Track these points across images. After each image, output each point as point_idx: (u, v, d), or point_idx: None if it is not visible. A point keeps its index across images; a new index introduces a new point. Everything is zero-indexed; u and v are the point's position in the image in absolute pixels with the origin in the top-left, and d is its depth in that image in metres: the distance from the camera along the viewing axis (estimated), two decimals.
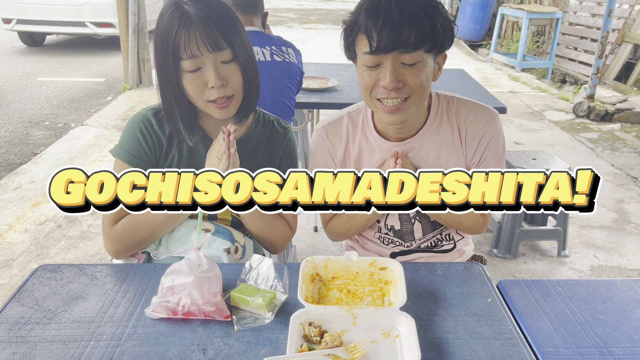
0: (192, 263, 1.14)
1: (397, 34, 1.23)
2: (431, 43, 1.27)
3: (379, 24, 1.23)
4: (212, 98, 1.29)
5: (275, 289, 1.19)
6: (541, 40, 8.58)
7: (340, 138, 1.51)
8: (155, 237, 1.38)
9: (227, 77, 1.29)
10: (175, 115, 1.35)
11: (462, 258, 1.69)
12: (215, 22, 1.26)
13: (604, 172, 4.36)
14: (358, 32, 1.30)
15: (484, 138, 1.45)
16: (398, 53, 1.25)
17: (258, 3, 2.45)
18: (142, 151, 1.38)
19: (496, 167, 1.49)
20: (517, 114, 5.91)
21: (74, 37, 9.31)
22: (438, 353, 1.04)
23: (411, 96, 1.30)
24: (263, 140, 1.48)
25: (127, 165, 1.37)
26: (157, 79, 1.33)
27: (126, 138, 1.40)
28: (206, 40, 1.25)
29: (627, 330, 1.13)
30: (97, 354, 1.02)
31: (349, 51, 1.37)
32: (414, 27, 1.23)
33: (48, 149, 4.55)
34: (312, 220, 3.42)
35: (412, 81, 1.28)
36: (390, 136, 1.47)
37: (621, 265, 3.02)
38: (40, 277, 1.27)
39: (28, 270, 2.80)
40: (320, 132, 1.52)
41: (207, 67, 1.27)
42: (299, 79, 2.53)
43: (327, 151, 1.52)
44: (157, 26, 1.30)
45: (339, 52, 1.51)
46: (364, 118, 1.51)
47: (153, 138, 1.39)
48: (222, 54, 1.27)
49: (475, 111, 1.46)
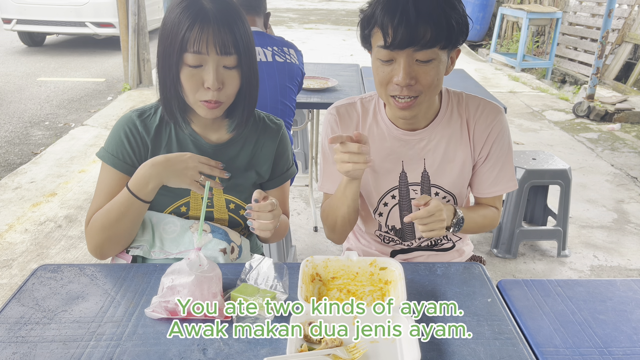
0: (193, 263, 1.14)
1: (412, 31, 1.23)
2: (446, 40, 1.27)
3: (395, 21, 1.23)
4: (204, 98, 1.28)
5: (275, 289, 1.19)
6: (541, 40, 8.58)
7: (350, 120, 1.51)
8: (124, 224, 1.33)
9: (224, 82, 1.29)
10: (173, 103, 1.33)
11: (462, 258, 1.70)
12: (231, 26, 1.25)
13: (604, 172, 4.36)
14: (374, 25, 1.30)
15: (492, 133, 1.47)
16: (412, 50, 1.25)
17: (261, 3, 2.45)
18: (126, 154, 1.38)
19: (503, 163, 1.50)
20: (517, 114, 5.91)
21: (74, 37, 9.31)
22: (438, 353, 1.04)
23: (421, 95, 1.31)
24: (253, 138, 1.47)
25: (112, 168, 1.37)
26: (158, 65, 1.31)
27: (111, 141, 1.39)
28: (217, 42, 1.24)
29: (627, 330, 1.13)
30: (97, 354, 1.02)
31: (365, 42, 1.38)
32: (429, 25, 1.23)
33: (48, 149, 4.55)
34: (312, 220, 3.43)
35: (424, 79, 1.29)
36: (401, 125, 1.48)
37: (621, 265, 3.03)
38: (40, 277, 1.27)
39: (28, 270, 2.80)
40: (332, 110, 1.52)
41: (208, 67, 1.26)
42: (300, 79, 2.54)
43: (337, 126, 1.51)
44: (169, 12, 1.27)
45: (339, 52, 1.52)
46: (375, 105, 1.51)
47: (137, 140, 1.39)
48: (227, 58, 1.27)
49: (484, 106, 1.47)
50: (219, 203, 1.45)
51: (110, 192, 1.37)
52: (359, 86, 3.27)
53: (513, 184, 1.52)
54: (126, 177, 1.37)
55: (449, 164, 1.48)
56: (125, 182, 1.36)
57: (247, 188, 1.46)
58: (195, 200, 1.43)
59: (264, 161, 1.48)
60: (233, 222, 1.47)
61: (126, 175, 1.37)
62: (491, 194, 1.53)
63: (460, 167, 1.49)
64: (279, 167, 1.52)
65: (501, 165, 1.50)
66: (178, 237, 1.39)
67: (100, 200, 1.38)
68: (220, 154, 1.43)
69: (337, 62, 3.68)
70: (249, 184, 1.46)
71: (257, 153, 1.47)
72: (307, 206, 3.63)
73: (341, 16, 14.37)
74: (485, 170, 1.51)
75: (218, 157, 1.43)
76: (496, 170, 1.50)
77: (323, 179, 1.57)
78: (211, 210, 1.44)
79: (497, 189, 1.52)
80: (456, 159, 1.48)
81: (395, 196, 1.53)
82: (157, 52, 1.31)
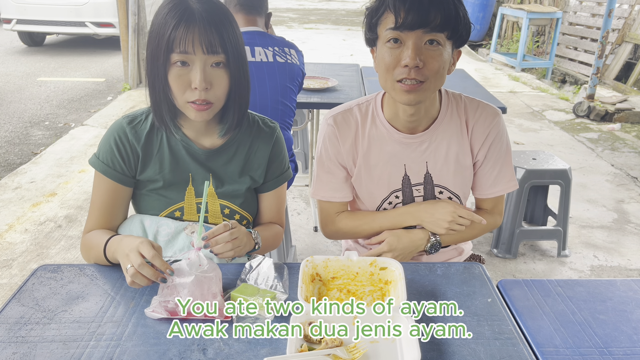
0: (193, 263, 1.14)
1: (424, 14, 1.26)
2: (453, 29, 1.30)
3: (408, 4, 1.27)
4: (192, 99, 1.27)
5: (275, 289, 1.19)
6: (541, 40, 8.58)
7: (349, 128, 1.50)
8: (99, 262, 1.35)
9: (212, 82, 1.27)
10: (162, 106, 1.32)
11: (461, 257, 1.70)
12: (217, 25, 1.25)
13: (604, 172, 4.36)
14: (385, 11, 1.32)
15: (490, 136, 1.48)
16: (422, 32, 1.28)
17: (262, 3, 2.45)
18: (117, 162, 1.37)
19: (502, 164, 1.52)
20: (517, 114, 5.91)
21: (74, 37, 9.31)
22: (438, 353, 1.04)
23: (427, 81, 1.32)
24: (247, 143, 1.45)
25: (103, 175, 1.37)
26: (147, 68, 1.30)
27: (102, 148, 1.39)
28: (203, 41, 1.23)
29: (627, 330, 1.13)
30: (97, 354, 1.02)
31: (370, 32, 1.38)
32: (440, 10, 1.27)
33: (48, 149, 4.55)
34: (312, 220, 3.43)
35: (431, 64, 1.30)
36: (400, 127, 1.47)
37: (621, 265, 3.02)
38: (40, 277, 1.27)
39: (28, 270, 2.80)
40: (329, 120, 1.51)
41: (195, 67, 1.25)
42: (301, 80, 2.54)
43: (334, 143, 1.51)
44: (156, 15, 1.27)
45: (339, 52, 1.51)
46: (373, 109, 1.51)
47: (127, 149, 1.38)
48: (214, 57, 1.25)
49: (482, 109, 1.49)
50: (213, 208, 1.44)
51: (103, 202, 1.39)
52: (359, 86, 3.26)
53: (513, 184, 1.54)
54: (117, 185, 1.38)
55: (451, 165, 1.49)
56: (116, 190, 1.38)
57: (242, 193, 1.45)
58: (189, 205, 1.42)
59: (257, 165, 1.46)
60: None
61: (117, 184, 1.38)
62: (492, 195, 1.54)
63: (462, 167, 1.50)
64: (272, 170, 1.49)
65: (500, 166, 1.51)
66: (172, 239, 1.39)
67: (95, 211, 1.40)
68: (213, 160, 1.42)
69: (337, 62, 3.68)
70: (244, 189, 1.45)
71: (250, 157, 1.46)
72: (307, 206, 3.63)
73: (341, 16, 14.37)
74: (485, 171, 1.52)
75: (211, 163, 1.42)
76: (496, 171, 1.51)
77: (317, 186, 1.57)
78: (206, 216, 1.44)
79: (498, 189, 1.53)
80: (458, 160, 1.49)
81: (399, 196, 1.54)
82: (146, 56, 1.31)
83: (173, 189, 1.40)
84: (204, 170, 1.41)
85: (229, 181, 1.44)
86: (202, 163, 1.41)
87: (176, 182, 1.40)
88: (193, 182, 1.41)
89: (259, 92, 2.35)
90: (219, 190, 1.43)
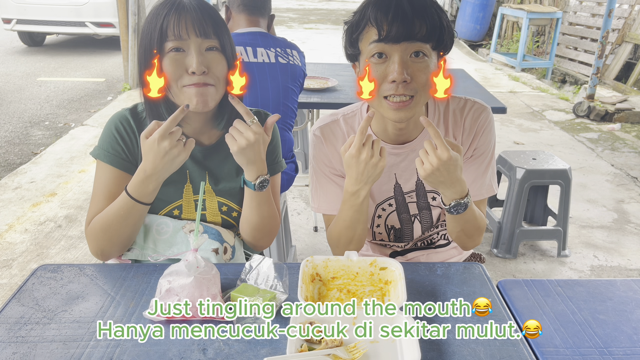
0: (191, 264, 1.14)
1: (408, 26, 1.23)
2: (438, 39, 1.27)
3: (390, 16, 1.23)
4: (189, 83, 1.26)
5: (275, 289, 1.18)
6: (541, 40, 8.58)
7: (336, 139, 1.48)
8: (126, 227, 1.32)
9: (210, 65, 1.27)
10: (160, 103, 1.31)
11: (461, 256, 1.70)
12: (208, 12, 1.28)
13: (604, 172, 4.36)
14: (365, 25, 1.28)
15: (478, 132, 1.45)
16: (407, 44, 1.24)
17: (266, 4, 2.44)
18: (120, 149, 1.36)
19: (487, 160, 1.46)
20: (517, 114, 5.91)
21: (74, 37, 9.31)
22: (438, 353, 1.04)
23: (416, 95, 1.28)
24: None
25: (108, 165, 1.36)
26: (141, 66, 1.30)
27: (104, 138, 1.38)
28: (196, 25, 1.25)
29: (627, 330, 1.13)
30: (97, 354, 1.02)
31: (352, 48, 1.34)
32: (424, 21, 1.24)
33: (48, 149, 4.55)
34: (312, 220, 3.43)
35: (418, 77, 1.26)
36: (389, 140, 1.45)
37: (621, 265, 3.03)
38: (40, 277, 1.27)
39: (28, 270, 2.80)
40: (316, 131, 1.49)
41: (190, 52, 1.25)
42: (302, 81, 2.54)
43: (324, 154, 1.48)
44: (149, 14, 1.30)
45: (339, 52, 1.50)
46: (359, 120, 1.48)
47: (130, 136, 1.38)
48: (208, 41, 1.27)
49: (470, 106, 1.46)
50: (211, 206, 1.44)
51: (108, 190, 1.36)
52: None
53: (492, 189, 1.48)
54: (122, 173, 1.36)
55: None
56: (121, 178, 1.36)
57: (239, 191, 1.45)
58: (188, 203, 1.42)
59: None
60: (226, 224, 1.47)
61: (122, 171, 1.37)
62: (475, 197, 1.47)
63: None
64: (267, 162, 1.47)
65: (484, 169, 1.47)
66: (171, 237, 1.39)
67: (99, 199, 1.36)
68: (210, 157, 1.42)
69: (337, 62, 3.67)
70: (240, 187, 1.45)
71: None
72: (307, 206, 3.63)
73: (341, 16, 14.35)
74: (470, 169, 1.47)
75: (208, 160, 1.42)
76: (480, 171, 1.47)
77: (319, 199, 1.51)
78: (204, 213, 1.44)
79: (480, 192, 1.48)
80: None
81: (392, 204, 1.53)
82: (138, 56, 1.31)
83: (170, 187, 1.40)
84: (200, 169, 1.42)
85: (225, 179, 1.44)
86: (198, 161, 1.41)
87: (173, 181, 1.39)
88: (190, 180, 1.41)
89: (261, 93, 2.34)
90: (216, 188, 1.43)
